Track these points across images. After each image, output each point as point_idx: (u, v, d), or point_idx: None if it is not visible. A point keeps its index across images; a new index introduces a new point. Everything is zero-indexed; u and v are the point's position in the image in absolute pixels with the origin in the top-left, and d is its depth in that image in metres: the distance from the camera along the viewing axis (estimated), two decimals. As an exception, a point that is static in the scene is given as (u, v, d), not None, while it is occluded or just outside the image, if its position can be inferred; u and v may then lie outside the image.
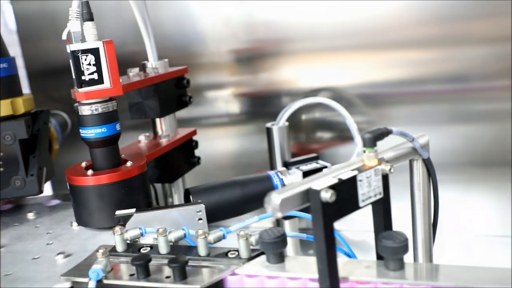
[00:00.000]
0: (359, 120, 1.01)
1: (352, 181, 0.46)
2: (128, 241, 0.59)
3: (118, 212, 0.64)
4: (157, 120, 0.89)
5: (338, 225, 0.85)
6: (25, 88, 1.15)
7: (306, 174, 0.82)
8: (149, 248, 0.58)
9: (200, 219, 0.65)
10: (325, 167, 0.84)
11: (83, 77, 0.66)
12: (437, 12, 0.95)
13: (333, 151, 1.08)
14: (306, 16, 1.02)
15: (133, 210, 0.64)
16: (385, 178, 0.49)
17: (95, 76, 0.66)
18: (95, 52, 0.66)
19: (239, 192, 0.76)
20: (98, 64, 0.66)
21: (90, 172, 0.69)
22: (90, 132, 0.69)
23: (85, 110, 0.68)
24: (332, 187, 0.43)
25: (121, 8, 1.11)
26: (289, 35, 1.05)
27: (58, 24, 1.17)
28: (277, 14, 1.04)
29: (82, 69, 0.66)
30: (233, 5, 1.06)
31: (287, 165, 0.85)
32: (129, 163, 0.71)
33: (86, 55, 0.66)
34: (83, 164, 0.73)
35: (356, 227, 1.00)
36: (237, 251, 0.54)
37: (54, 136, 0.95)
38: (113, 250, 0.58)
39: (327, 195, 0.43)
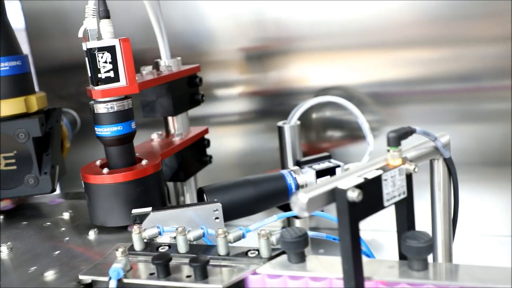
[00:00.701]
0: (369, 119, 1.00)
1: (378, 180, 0.46)
2: (146, 240, 0.59)
3: (134, 211, 0.64)
4: (170, 118, 0.89)
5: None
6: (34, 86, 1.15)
7: (319, 173, 0.81)
8: (167, 247, 0.58)
9: (217, 218, 0.64)
10: (338, 166, 0.83)
11: (99, 75, 0.66)
12: (447, 11, 0.95)
13: (343, 150, 1.07)
14: (316, 14, 1.02)
15: (149, 209, 0.64)
16: (409, 178, 0.49)
17: (111, 74, 0.66)
18: (111, 50, 0.66)
19: (252, 191, 0.76)
20: (114, 62, 0.66)
21: (105, 170, 0.69)
22: (106, 130, 0.68)
23: (101, 108, 0.68)
24: (358, 186, 0.43)
25: (129, 6, 1.10)
26: (299, 33, 1.04)
27: (66, 22, 1.18)
28: (287, 12, 1.04)
29: (99, 67, 0.65)
30: (242, 3, 1.06)
31: (299, 164, 0.85)
32: (144, 162, 0.71)
33: (103, 53, 0.65)
34: (98, 163, 0.73)
35: (365, 226, 1.00)
36: (257, 250, 0.54)
37: (66, 134, 0.94)
38: (131, 249, 0.58)
39: (353, 195, 0.42)
